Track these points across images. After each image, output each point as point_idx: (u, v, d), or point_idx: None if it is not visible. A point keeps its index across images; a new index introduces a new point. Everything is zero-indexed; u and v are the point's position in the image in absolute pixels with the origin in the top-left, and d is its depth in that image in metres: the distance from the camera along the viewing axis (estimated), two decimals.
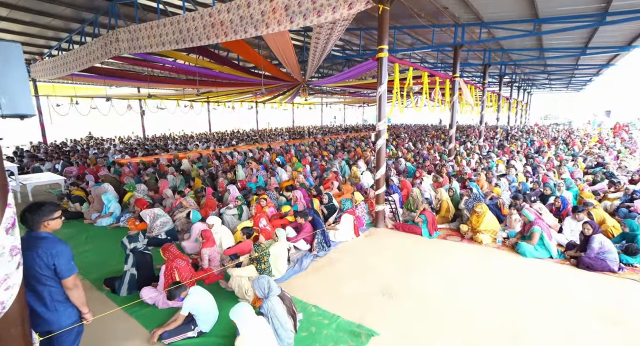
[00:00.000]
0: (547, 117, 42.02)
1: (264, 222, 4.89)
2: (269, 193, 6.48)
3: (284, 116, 33.93)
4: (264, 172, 8.92)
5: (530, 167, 8.79)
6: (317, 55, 9.15)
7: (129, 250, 3.82)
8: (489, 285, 4.05)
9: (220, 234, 4.79)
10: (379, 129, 5.91)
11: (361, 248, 5.30)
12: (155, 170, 9.38)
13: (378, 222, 6.16)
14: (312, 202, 5.95)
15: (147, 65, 9.95)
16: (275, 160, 11.06)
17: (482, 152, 13.46)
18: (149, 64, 9.84)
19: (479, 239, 5.21)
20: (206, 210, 5.83)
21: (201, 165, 10.58)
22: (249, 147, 16.16)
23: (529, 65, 16.78)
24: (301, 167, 10.05)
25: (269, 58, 13.68)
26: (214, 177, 9.28)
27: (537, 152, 12.64)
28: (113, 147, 17.61)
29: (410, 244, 5.41)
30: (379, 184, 6.03)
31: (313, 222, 5.31)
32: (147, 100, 21.08)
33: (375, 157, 6.05)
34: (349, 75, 8.65)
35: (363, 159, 11.54)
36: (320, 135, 24.87)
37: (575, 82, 23.87)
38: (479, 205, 5.32)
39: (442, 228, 6.02)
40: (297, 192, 6.25)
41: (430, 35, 10.35)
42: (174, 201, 6.49)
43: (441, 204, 6.32)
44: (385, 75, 5.74)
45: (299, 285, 4.17)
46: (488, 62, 13.51)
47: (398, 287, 4.01)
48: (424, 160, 11.23)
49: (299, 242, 5.10)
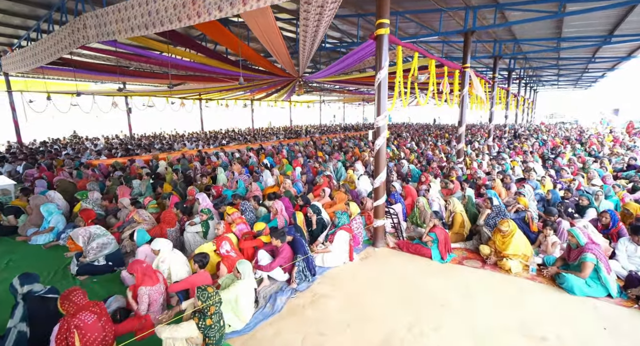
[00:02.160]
0: (553, 115, 40.75)
1: (226, 246, 3.73)
2: (244, 203, 5.32)
3: (284, 115, 32.72)
4: (245, 176, 7.76)
5: (552, 170, 7.61)
6: (308, 43, 7.99)
7: (19, 296, 2.68)
8: (531, 340, 2.90)
9: (169, 263, 3.65)
10: (378, 126, 4.76)
11: (356, 279, 4.15)
12: (124, 174, 8.23)
13: (377, 240, 5.01)
14: (295, 216, 4.79)
15: (118, 55, 8.78)
16: (262, 162, 9.91)
17: (491, 152, 12.30)
18: (120, 55, 8.68)
19: (506, 266, 4.05)
20: (162, 227, 4.68)
21: (178, 167, 9.42)
22: (239, 147, 15.02)
23: (540, 58, 15.60)
24: (291, 169, 8.90)
25: (262, 52, 12.51)
26: (190, 181, 8.14)
27: (552, 152, 11.47)
28: (94, 147, 16.47)
29: (418, 272, 4.26)
30: (379, 194, 4.88)
31: (294, 243, 4.17)
32: (134, 97, 20.04)
33: (374, 159, 4.90)
34: (347, 63, 7.52)
35: (361, 161, 10.39)
36: (317, 134, 23.71)
37: (585, 78, 22.67)
38: (505, 223, 4.16)
39: (456, 248, 4.87)
40: (277, 202, 5.09)
41: (436, 22, 9.18)
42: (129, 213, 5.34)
43: (454, 217, 5.16)
44: (385, 57, 4.59)
45: (268, 338, 3.02)
46: (499, 53, 12.33)
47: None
48: (429, 161, 10.07)
49: (275, 271, 3.96)
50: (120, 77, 9.44)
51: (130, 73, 9.89)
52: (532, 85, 27.95)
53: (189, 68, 9.00)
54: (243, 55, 9.50)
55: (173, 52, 7.72)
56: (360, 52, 6.03)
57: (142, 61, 8.67)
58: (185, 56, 8.02)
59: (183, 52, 7.85)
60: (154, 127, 28.22)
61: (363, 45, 5.43)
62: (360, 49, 5.79)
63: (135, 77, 10.25)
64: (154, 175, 8.66)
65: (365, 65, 9.47)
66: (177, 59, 8.14)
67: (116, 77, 9.44)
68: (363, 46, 5.47)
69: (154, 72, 9.89)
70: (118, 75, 9.32)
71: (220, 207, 5.46)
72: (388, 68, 4.67)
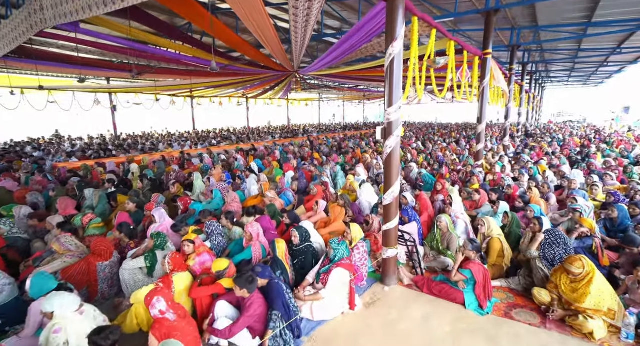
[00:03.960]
0: (561, 113, 39.33)
1: (160, 304, 2.40)
2: (211, 224, 4.01)
3: (283, 114, 31.32)
4: (223, 184, 6.43)
5: (595, 176, 6.27)
6: (300, 31, 6.70)
7: None
8: None
9: (69, 333, 2.33)
10: (389, 120, 3.44)
11: (360, 340, 2.85)
12: (80, 181, 6.90)
13: (387, 276, 3.70)
14: (274, 245, 3.46)
15: (78, 42, 7.45)
16: (248, 166, 8.59)
17: (507, 153, 10.98)
18: (80, 41, 7.34)
19: (585, 328, 2.73)
20: (89, 262, 3.36)
21: (151, 172, 8.09)
22: (229, 147, 13.71)
23: (557, 50, 14.26)
24: (281, 174, 7.58)
25: (257, 46, 11.20)
26: (160, 190, 6.83)
27: (580, 154, 10.15)
28: (72, 148, 15.17)
29: (447, 328, 2.96)
30: (390, 214, 3.56)
31: (269, 291, 2.85)
32: (119, 94, 18.73)
33: (384, 166, 3.59)
34: (351, 44, 6.21)
35: (363, 163, 9.07)
36: (315, 133, 22.38)
37: (600, 73, 21.29)
38: (577, 261, 2.83)
39: (496, 287, 3.56)
40: (252, 225, 3.77)
41: (450, 4, 7.85)
42: None
43: (490, 244, 3.84)
44: (400, 24, 3.28)
45: None
46: (516, 42, 11.01)
47: None
48: (441, 165, 8.75)
49: (241, 335, 2.65)
50: (83, 70, 8.11)
51: (92, 63, 8.54)
52: (541, 81, 26.62)
53: (155, 57, 7.64)
54: (229, 44, 8.18)
55: (136, 35, 6.42)
56: (368, 25, 4.70)
57: (103, 48, 7.33)
58: (151, 41, 6.72)
59: (147, 35, 6.57)
60: (145, 127, 26.87)
61: (371, 13, 4.12)
62: (367, 20, 4.46)
63: (97, 69, 8.88)
64: (118, 182, 7.36)
65: (369, 51, 8.14)
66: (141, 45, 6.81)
67: (77, 69, 8.12)
68: (371, 15, 4.16)
69: (118, 63, 8.57)
70: (80, 67, 7.98)
71: (179, 228, 4.15)
72: (403, 28, 3.35)
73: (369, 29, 4.90)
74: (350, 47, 6.94)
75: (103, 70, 9.28)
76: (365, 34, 5.44)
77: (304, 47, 8.24)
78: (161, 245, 3.56)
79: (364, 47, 7.61)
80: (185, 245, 3.46)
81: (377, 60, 9.65)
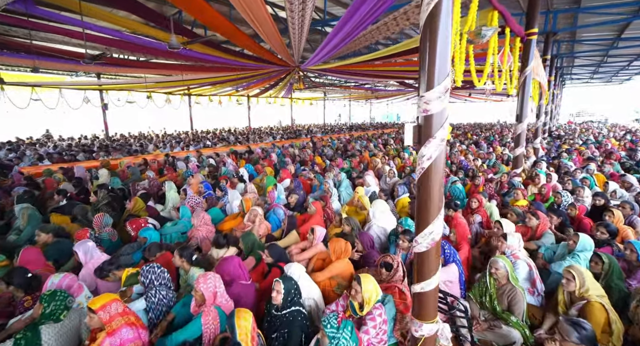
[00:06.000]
0: (580, 113, 37.19)
1: None
2: (150, 269, 2.65)
3: (287, 114, 29.95)
4: (197, 198, 5.05)
5: None
6: (297, 19, 5.35)
7: None
8: None
9: None
10: (428, 112, 2.01)
11: None
12: (26, 192, 5.60)
13: None
14: (232, 321, 2.06)
15: (30, 25, 6.08)
16: (236, 172, 7.23)
17: (539, 158, 9.43)
18: (31, 24, 5.99)
19: None
20: None
21: (117, 180, 6.77)
22: (223, 149, 12.42)
23: (593, 40, 12.62)
24: (273, 183, 6.18)
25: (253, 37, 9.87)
26: (121, 205, 5.49)
27: (631, 158, 8.57)
28: (54, 149, 14.05)
29: None
30: (425, 268, 2.13)
31: None
32: (110, 92, 17.65)
33: (417, 189, 2.17)
34: (351, 26, 4.86)
35: (372, 169, 7.65)
36: (319, 134, 20.98)
37: (633, 67, 19.40)
38: None
39: None
40: (205, 280, 2.39)
41: None
42: None
43: (587, 312, 2.40)
44: None
45: None
46: (552, 28, 9.47)
47: None
48: (466, 172, 7.28)
49: None
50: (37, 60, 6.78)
51: (46, 50, 7.17)
52: (562, 79, 24.81)
53: (112, 42, 6.19)
54: (225, 35, 6.81)
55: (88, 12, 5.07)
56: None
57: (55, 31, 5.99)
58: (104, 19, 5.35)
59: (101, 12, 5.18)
60: (142, 127, 25.78)
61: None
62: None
63: (50, 59, 7.52)
64: (78, 193, 6.08)
65: (374, 36, 6.72)
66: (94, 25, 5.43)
67: (31, 60, 6.80)
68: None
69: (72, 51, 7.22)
70: (34, 57, 6.64)
71: (106, 272, 2.80)
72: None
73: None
74: (352, 28, 5.55)
75: (58, 61, 7.97)
76: (370, 9, 4.05)
77: (302, 36, 6.88)
78: (54, 315, 2.20)
79: (369, 31, 6.19)
80: (91, 316, 2.10)
81: (387, 48, 8.20)
